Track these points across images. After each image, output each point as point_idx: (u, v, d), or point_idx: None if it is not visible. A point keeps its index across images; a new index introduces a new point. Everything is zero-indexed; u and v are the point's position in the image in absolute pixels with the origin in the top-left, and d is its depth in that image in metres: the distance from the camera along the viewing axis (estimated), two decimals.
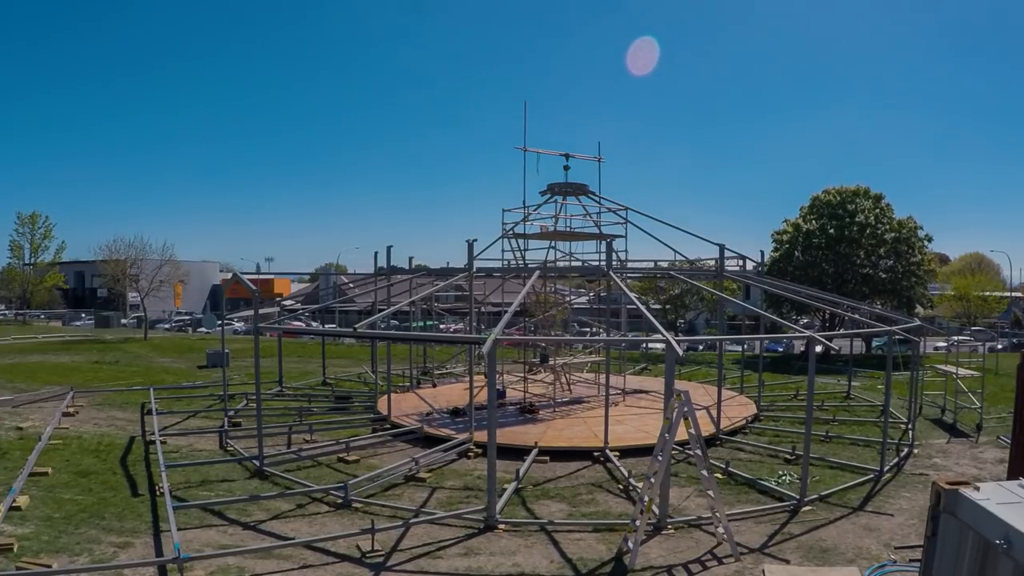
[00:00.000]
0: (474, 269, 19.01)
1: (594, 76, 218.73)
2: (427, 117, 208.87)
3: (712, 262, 21.17)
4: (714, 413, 17.62)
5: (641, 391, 22.65)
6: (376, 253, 21.14)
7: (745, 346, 32.66)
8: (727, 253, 20.29)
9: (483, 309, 30.82)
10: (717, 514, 9.87)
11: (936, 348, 39.08)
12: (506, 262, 20.97)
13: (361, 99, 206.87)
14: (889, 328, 16.51)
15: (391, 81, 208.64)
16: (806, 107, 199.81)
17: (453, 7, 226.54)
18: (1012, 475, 10.46)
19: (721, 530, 9.83)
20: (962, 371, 20.32)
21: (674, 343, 11.16)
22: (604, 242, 19.39)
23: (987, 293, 49.05)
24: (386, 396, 20.00)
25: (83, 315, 64.94)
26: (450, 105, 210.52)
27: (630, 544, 9.54)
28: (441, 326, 39.66)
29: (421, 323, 31.58)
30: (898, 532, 10.61)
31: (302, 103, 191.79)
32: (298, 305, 61.59)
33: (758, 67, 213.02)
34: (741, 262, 21.97)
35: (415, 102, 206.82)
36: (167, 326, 59.54)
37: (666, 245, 23.92)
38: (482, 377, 19.49)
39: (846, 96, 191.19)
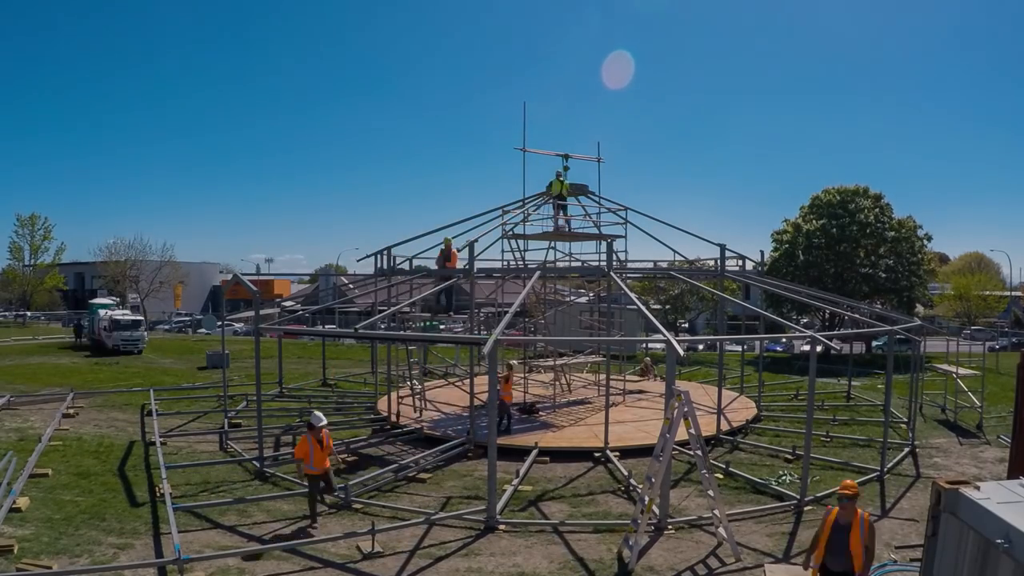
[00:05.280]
0: (475, 270, 18.99)
1: (592, 75, 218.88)
2: (427, 116, 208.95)
3: (712, 262, 21.14)
4: (714, 414, 17.61)
5: (641, 391, 22.65)
6: (376, 254, 21.07)
7: (745, 346, 32.63)
8: (727, 253, 20.31)
9: (482, 311, 30.79)
10: (718, 514, 9.86)
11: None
12: (506, 263, 20.95)
13: (362, 98, 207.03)
14: (890, 328, 16.51)
15: (390, 79, 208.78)
16: (807, 105, 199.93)
17: (454, 6, 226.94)
18: (1012, 474, 10.47)
19: (722, 531, 9.82)
20: (962, 371, 20.32)
21: (674, 343, 11.17)
22: (604, 242, 19.38)
23: (987, 292, 49.05)
24: (386, 397, 20.00)
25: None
26: (450, 103, 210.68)
27: (631, 544, 9.54)
28: (441, 327, 39.57)
29: (422, 324, 31.48)
30: (898, 531, 10.61)
31: (301, 102, 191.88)
32: (298, 306, 61.59)
33: (758, 66, 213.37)
34: (741, 262, 21.98)
35: (416, 101, 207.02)
36: (167, 327, 59.48)
37: (666, 245, 23.96)
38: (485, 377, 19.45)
39: (846, 94, 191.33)
